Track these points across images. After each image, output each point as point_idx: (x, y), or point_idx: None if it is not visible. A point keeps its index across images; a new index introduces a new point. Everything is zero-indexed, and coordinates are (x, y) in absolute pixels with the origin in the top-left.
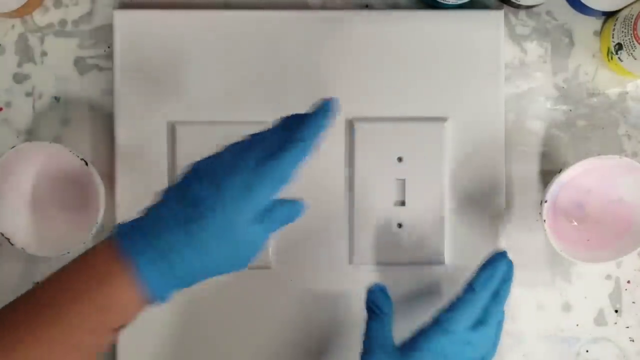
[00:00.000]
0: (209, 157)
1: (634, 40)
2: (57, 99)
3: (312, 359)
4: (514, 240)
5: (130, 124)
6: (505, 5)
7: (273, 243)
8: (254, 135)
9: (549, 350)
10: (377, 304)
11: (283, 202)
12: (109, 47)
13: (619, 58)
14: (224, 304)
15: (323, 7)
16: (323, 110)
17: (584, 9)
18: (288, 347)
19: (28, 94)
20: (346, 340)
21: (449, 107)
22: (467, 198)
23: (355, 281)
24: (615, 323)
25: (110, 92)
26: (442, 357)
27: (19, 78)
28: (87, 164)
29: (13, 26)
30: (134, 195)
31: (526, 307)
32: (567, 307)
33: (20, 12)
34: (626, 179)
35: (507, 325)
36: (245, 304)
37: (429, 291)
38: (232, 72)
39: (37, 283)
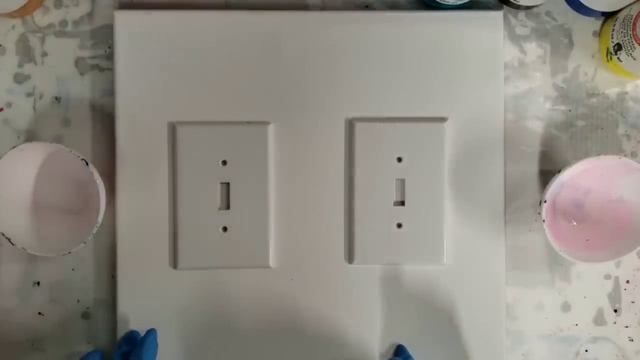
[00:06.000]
0: None
1: (633, 41)
2: (57, 99)
3: (312, 358)
4: (513, 240)
5: (131, 124)
6: (504, 6)
7: (273, 243)
8: None
9: (548, 349)
10: None
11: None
12: (109, 48)
13: (618, 58)
14: (224, 304)
15: (323, 7)
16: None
17: (584, 10)
18: (288, 347)
19: (29, 94)
20: (346, 339)
21: (448, 107)
22: (467, 198)
23: (355, 281)
24: (615, 323)
25: (110, 92)
26: None
27: (19, 78)
28: (87, 164)
29: (14, 26)
30: (135, 196)
31: (526, 307)
32: (566, 307)
33: (21, 13)
34: (625, 179)
35: (507, 325)
36: (245, 303)
37: (428, 291)
38: (232, 72)
39: (37, 283)
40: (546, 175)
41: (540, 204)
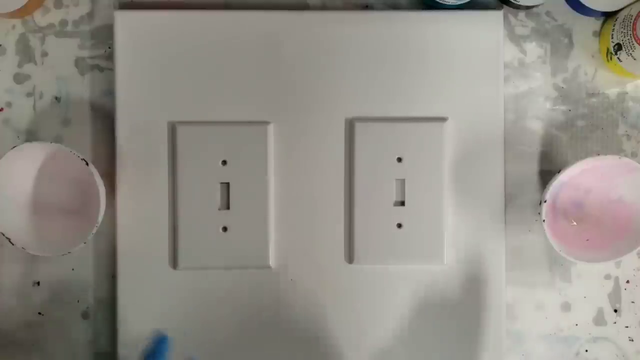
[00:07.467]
0: None
1: (633, 41)
2: (57, 99)
3: (311, 358)
4: (513, 240)
5: (131, 124)
6: (504, 6)
7: (273, 243)
8: None
9: (548, 349)
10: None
11: None
12: (109, 48)
13: (618, 58)
14: (225, 304)
15: (323, 7)
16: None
17: (584, 10)
18: (288, 347)
19: (29, 94)
20: (346, 339)
21: (448, 107)
22: (467, 198)
23: (355, 281)
24: (615, 323)
25: (110, 92)
26: None
27: (19, 78)
28: (87, 164)
29: (14, 26)
30: (135, 195)
31: (526, 307)
32: (566, 307)
33: (21, 13)
34: (625, 179)
35: (507, 325)
36: (245, 303)
37: (429, 291)
38: (232, 72)
39: (37, 283)
40: (546, 175)
41: (540, 204)
